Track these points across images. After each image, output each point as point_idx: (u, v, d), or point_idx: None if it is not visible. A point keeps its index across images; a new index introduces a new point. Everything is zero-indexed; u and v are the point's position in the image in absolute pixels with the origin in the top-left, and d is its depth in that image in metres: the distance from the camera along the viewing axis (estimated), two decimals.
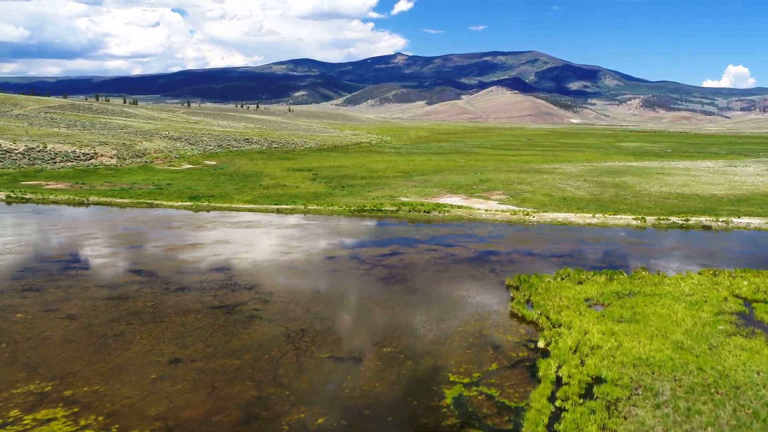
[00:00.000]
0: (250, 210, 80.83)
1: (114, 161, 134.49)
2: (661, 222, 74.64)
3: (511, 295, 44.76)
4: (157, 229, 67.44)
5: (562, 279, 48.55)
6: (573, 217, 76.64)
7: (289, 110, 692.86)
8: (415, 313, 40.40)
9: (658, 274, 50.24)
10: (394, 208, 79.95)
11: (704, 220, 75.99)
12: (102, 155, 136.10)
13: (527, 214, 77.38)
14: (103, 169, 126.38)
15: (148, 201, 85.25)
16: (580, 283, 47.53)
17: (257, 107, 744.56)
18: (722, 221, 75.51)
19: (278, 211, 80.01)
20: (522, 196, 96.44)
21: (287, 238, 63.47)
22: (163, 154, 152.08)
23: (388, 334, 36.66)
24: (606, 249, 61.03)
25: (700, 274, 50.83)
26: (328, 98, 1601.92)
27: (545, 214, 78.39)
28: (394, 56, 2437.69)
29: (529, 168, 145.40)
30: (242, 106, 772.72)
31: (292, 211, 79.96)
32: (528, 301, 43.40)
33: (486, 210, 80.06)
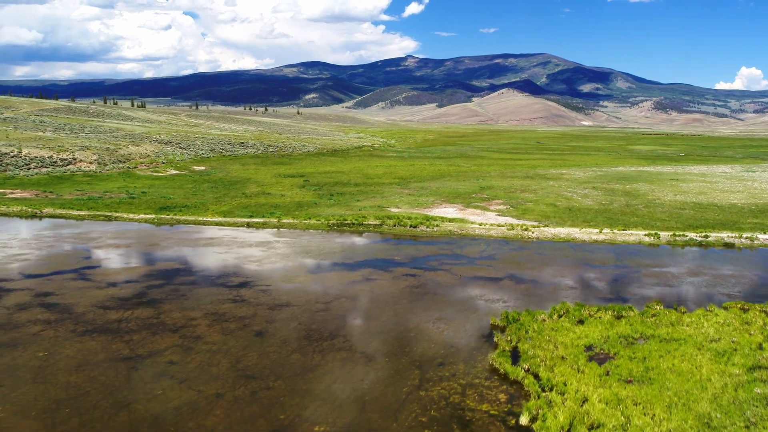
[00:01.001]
0: (217, 224, 72.64)
1: (93, 167, 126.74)
2: (677, 239, 66.03)
3: (495, 340, 36.30)
4: (101, 249, 59.25)
5: (560, 316, 40.11)
6: (577, 233, 68.06)
7: (298, 113, 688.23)
8: (367, 369, 32.07)
9: (676, 310, 41.72)
10: (377, 222, 71.60)
11: (725, 236, 67.28)
12: (81, 161, 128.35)
13: (526, 229, 68.87)
14: (80, 175, 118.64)
15: (107, 213, 77.13)
16: (581, 322, 39.08)
17: (266, 110, 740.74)
18: (746, 238, 66.76)
19: (248, 225, 71.83)
20: (524, 206, 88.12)
21: (245, 260, 55.19)
22: (149, 159, 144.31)
23: (327, 403, 28.35)
24: (614, 274, 52.46)
25: (725, 309, 42.29)
26: (338, 101, 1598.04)
27: (546, 229, 69.89)
28: (404, 59, 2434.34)
29: (535, 174, 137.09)
30: (250, 109, 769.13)
31: (263, 225, 71.73)
32: (515, 349, 34.95)
33: (480, 224, 71.59)
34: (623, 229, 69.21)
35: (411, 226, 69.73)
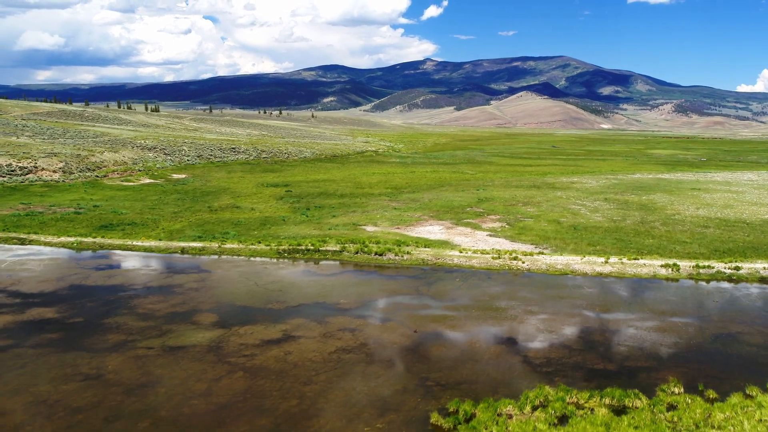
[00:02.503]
0: (146, 250, 60.62)
1: (57, 176, 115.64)
2: (701, 271, 53.25)
3: None
4: None
5: (534, 409, 27.87)
6: (578, 263, 55.36)
7: (312, 116, 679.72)
8: None
9: (701, 395, 29.41)
10: (337, 248, 59.22)
11: (761, 268, 54.36)
12: (43, 169, 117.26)
13: (515, 258, 56.27)
14: (37, 185, 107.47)
15: (23, 236, 65.22)
16: (563, 420, 26.83)
17: (280, 113, 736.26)
18: None
19: (182, 252, 59.76)
20: (522, 223, 76.05)
21: (139, 307, 43.12)
22: (125, 166, 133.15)
23: None
24: (618, 329, 39.76)
25: None
26: (356, 104, 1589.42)
27: (541, 257, 57.30)
28: (423, 62, 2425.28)
29: (543, 182, 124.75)
30: (265, 112, 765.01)
31: (200, 252, 59.63)
32: None
33: (462, 251, 59.05)
34: (635, 258, 56.50)
35: (377, 253, 57.40)
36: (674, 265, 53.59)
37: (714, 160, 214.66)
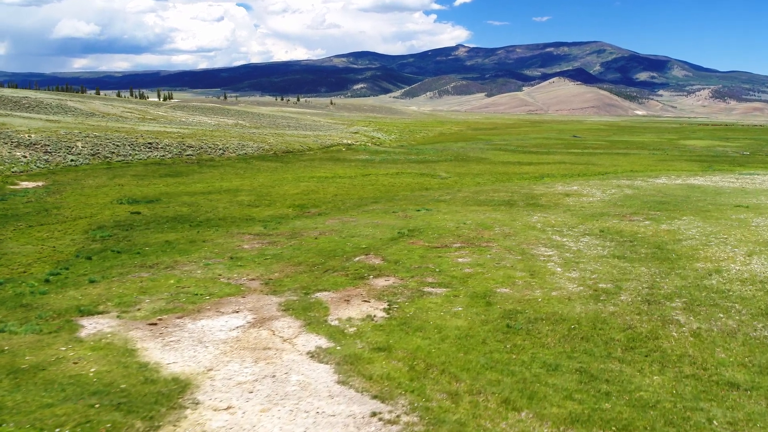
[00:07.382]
0: None
1: None
2: None
3: None
4: None
5: None
6: None
7: (331, 103, 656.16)
8: None
9: None
10: None
11: None
12: None
13: None
14: None
15: None
16: None
17: (298, 100, 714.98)
18: None
19: None
20: (417, 304, 39.05)
21: None
22: None
23: None
24: None
25: None
26: (387, 91, 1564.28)
27: None
28: (455, 48, 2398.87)
29: (526, 194, 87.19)
30: (282, 99, 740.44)
31: None
32: None
33: None
34: None
35: None
36: None
37: (759, 154, 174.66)
